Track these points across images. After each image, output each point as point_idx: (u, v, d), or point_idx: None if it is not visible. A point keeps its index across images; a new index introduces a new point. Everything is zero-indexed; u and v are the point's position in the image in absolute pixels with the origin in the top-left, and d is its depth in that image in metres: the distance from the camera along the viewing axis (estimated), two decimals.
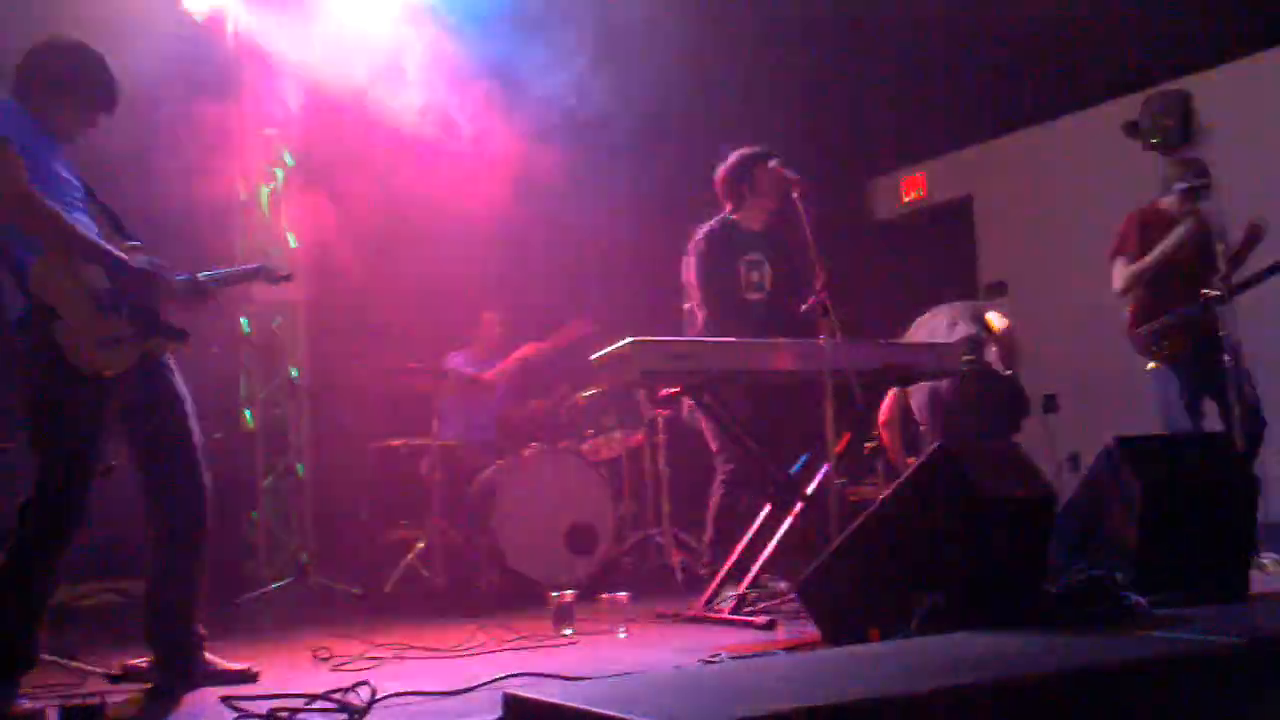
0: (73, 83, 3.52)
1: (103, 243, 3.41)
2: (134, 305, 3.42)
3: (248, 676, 3.55)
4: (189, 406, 3.61)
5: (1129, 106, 7.89)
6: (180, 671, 3.50)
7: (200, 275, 3.75)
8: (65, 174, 3.47)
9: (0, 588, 3.27)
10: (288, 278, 4.24)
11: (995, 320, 6.16)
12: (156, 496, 3.55)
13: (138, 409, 3.49)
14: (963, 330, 6.07)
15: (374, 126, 7.00)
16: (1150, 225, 5.68)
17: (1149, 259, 5.58)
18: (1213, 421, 5.51)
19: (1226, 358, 5.21)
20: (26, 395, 3.35)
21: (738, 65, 8.17)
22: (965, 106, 8.80)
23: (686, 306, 5.27)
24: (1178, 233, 5.54)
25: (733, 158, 5.36)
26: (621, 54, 7.63)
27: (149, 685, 3.51)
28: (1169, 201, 5.68)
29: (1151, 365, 5.62)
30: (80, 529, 3.33)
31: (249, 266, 4.15)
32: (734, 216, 5.34)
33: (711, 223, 5.31)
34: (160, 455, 3.54)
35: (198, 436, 3.61)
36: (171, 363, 3.61)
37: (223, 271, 3.93)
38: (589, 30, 7.37)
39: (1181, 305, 5.48)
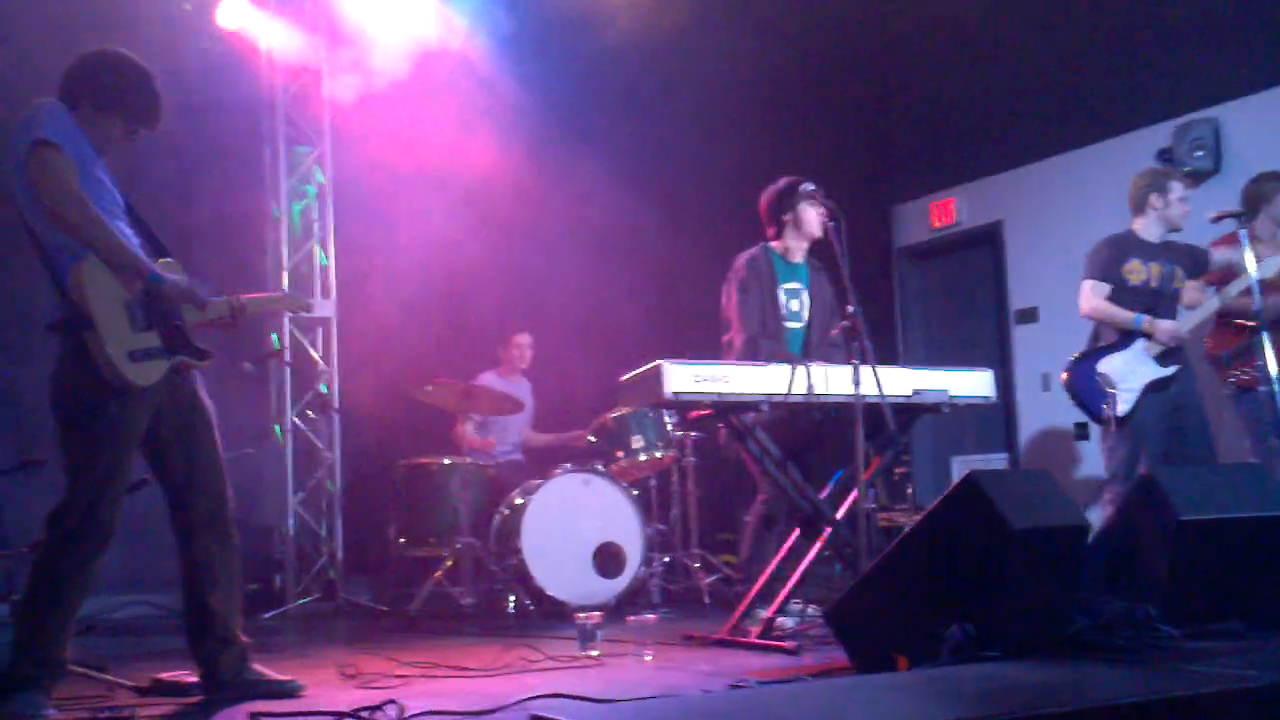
0: (122, 96, 3.53)
1: (141, 255, 3.41)
2: (164, 320, 3.43)
3: (293, 688, 3.52)
4: (214, 420, 3.62)
5: (1160, 134, 7.87)
6: (227, 682, 3.49)
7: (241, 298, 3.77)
8: (109, 183, 3.48)
9: (29, 596, 3.29)
10: (308, 307, 4.42)
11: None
12: (184, 512, 3.54)
13: (165, 424, 3.48)
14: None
15: (407, 144, 7.07)
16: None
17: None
18: None
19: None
20: (58, 401, 3.34)
21: (768, 93, 8.20)
22: (996, 132, 8.79)
23: (725, 339, 5.18)
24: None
25: (777, 185, 5.27)
26: (654, 84, 7.69)
27: (190, 699, 3.52)
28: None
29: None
30: (111, 540, 3.34)
31: (275, 294, 4.16)
32: (775, 244, 5.29)
33: (753, 249, 5.25)
34: (188, 470, 3.53)
35: (222, 451, 3.62)
36: (198, 379, 3.61)
37: (255, 297, 3.95)
38: (622, 63, 7.44)
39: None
